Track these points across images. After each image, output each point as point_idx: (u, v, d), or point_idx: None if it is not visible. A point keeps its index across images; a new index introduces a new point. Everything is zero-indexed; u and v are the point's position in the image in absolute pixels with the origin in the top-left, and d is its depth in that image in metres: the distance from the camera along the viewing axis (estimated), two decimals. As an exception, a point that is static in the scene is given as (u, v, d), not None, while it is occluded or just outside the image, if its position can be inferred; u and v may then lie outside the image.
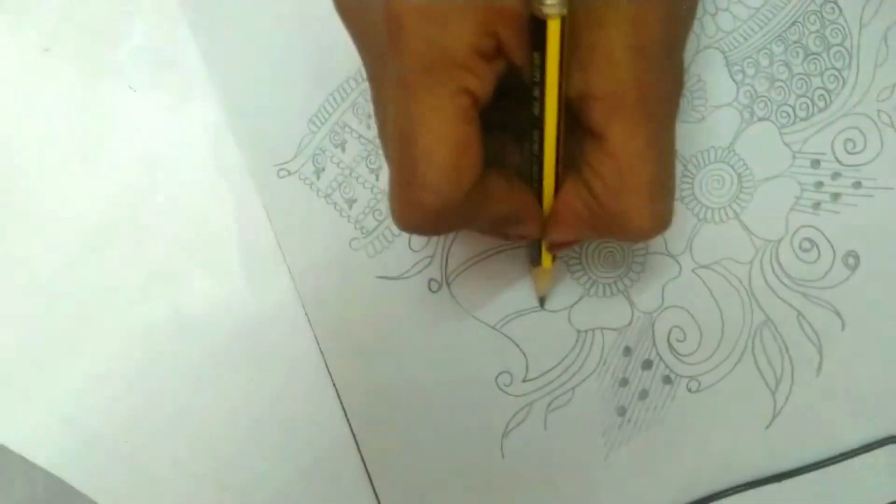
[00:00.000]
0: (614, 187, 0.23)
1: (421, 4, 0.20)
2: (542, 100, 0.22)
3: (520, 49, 0.21)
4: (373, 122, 0.32)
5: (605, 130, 0.22)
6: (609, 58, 0.21)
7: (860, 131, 0.30)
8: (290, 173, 0.32)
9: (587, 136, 0.23)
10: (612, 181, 0.23)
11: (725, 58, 0.30)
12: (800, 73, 0.30)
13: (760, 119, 0.31)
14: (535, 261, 0.29)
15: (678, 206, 0.31)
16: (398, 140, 0.21)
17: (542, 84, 0.22)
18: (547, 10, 0.20)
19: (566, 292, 0.31)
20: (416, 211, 0.22)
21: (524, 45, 0.21)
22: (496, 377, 0.31)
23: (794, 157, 0.31)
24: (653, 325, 0.31)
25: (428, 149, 0.21)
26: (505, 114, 0.24)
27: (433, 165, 0.21)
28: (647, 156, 0.22)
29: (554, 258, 0.29)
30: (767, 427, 0.31)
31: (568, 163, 0.24)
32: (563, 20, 0.20)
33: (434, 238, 0.31)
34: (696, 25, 0.30)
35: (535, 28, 0.20)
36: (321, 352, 0.32)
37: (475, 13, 0.20)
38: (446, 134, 0.21)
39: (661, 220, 0.24)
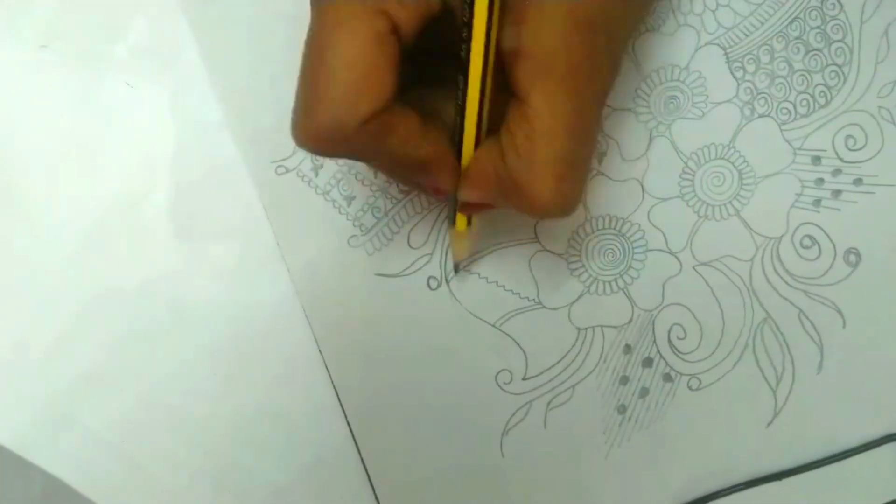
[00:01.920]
0: (524, 155, 0.22)
1: None
2: (468, 42, 0.21)
3: None
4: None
5: (527, 92, 0.21)
6: (543, 16, 0.21)
7: (861, 128, 0.30)
8: (288, 170, 0.32)
9: (513, 97, 0.22)
10: (523, 148, 0.22)
11: (726, 54, 0.30)
12: (800, 70, 0.30)
13: (761, 116, 0.30)
14: (452, 220, 0.28)
15: (678, 203, 0.31)
16: (308, 51, 0.21)
17: (469, 25, 0.21)
18: None
19: (566, 289, 0.31)
20: (311, 127, 0.21)
21: None
22: (496, 375, 0.31)
23: (794, 154, 0.30)
24: (653, 323, 0.31)
25: (333, 64, 0.20)
26: (451, 68, 0.23)
27: (334, 82, 0.20)
28: (563, 130, 0.21)
29: (469, 220, 0.27)
30: (768, 425, 0.30)
31: (495, 122, 0.23)
32: None
33: (433, 236, 0.31)
34: (696, 21, 0.30)
35: None
36: (319, 350, 0.32)
37: None
38: (354, 53, 0.20)
39: (565, 202, 0.22)
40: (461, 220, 0.27)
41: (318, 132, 0.21)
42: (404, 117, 0.22)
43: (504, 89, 0.23)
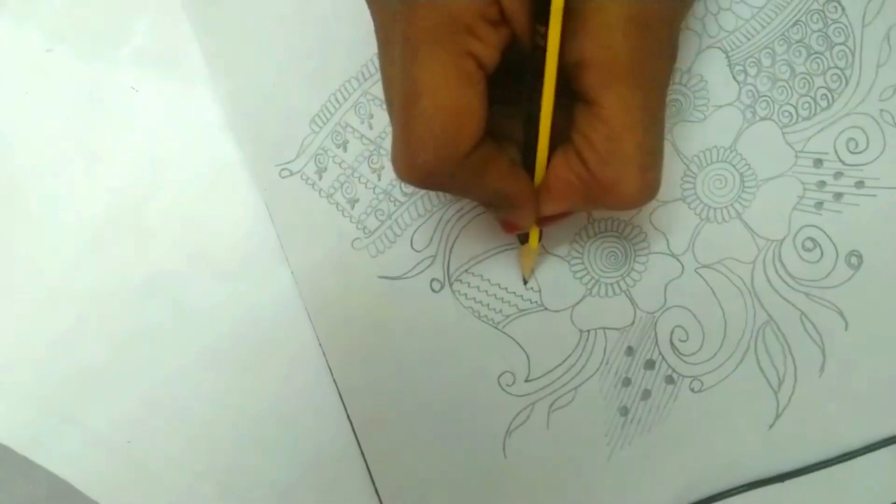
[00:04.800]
0: (605, 154, 0.23)
1: None
2: (541, 68, 0.22)
3: (523, 17, 0.22)
4: (374, 122, 0.32)
5: (598, 97, 0.22)
6: (606, 26, 0.22)
7: (862, 131, 0.30)
8: (292, 173, 0.32)
9: (580, 103, 0.23)
10: (603, 148, 0.23)
11: (728, 57, 0.30)
12: (802, 73, 0.30)
13: (762, 119, 0.30)
14: (523, 239, 0.29)
15: (680, 206, 0.31)
16: (401, 98, 0.22)
17: (542, 52, 0.22)
18: None
19: (568, 292, 0.31)
20: (413, 167, 0.22)
21: (527, 14, 0.21)
22: (498, 377, 0.31)
23: (796, 157, 0.30)
24: (655, 325, 0.31)
25: (428, 110, 0.21)
26: (517, 88, 0.24)
27: (432, 127, 0.21)
28: (639, 123, 0.23)
29: (540, 237, 0.29)
30: (770, 427, 0.30)
31: (557, 136, 0.25)
32: None
33: (436, 238, 0.31)
34: (698, 25, 0.30)
35: None
36: (323, 352, 0.32)
37: None
38: (448, 96, 0.21)
39: (650, 188, 0.24)
40: (534, 237, 0.28)
41: (420, 172, 0.22)
42: (496, 154, 0.24)
43: (565, 98, 0.24)
